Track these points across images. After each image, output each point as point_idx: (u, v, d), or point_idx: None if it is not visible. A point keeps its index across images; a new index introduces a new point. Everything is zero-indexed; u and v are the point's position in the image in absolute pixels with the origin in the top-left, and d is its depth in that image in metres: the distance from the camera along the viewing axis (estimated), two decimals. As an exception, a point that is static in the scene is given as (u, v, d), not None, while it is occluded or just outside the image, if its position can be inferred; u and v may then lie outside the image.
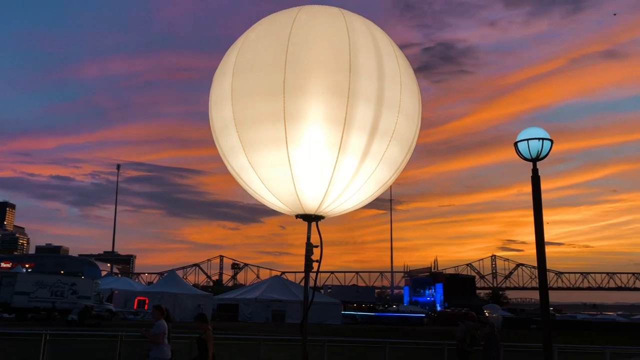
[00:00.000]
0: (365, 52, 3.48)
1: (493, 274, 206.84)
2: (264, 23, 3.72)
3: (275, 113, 3.36)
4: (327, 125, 3.36)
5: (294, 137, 3.36)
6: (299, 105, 3.32)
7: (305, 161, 3.43)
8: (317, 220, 3.79)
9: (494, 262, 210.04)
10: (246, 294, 49.83)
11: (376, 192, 3.73)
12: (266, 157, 3.50)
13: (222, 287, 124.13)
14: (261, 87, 3.40)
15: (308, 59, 3.37)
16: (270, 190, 3.65)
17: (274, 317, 45.97)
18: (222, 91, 3.61)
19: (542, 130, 7.56)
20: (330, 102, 3.35)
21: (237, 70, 3.52)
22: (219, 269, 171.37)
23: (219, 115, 3.68)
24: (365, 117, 3.40)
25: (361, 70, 3.42)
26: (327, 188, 3.56)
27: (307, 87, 3.35)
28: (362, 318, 56.03)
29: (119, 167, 73.58)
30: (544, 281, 7.44)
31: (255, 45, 3.55)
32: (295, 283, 63.53)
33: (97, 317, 33.48)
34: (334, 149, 3.40)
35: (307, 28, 3.47)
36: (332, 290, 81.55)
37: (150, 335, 7.19)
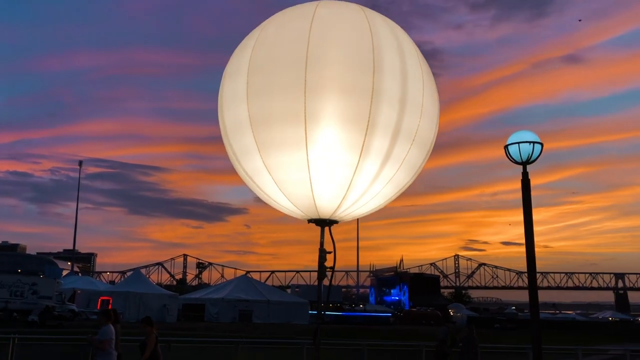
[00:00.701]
0: (389, 51, 3.34)
1: (456, 273, 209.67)
2: (281, 18, 3.53)
3: (295, 113, 3.19)
4: (350, 126, 3.21)
5: (315, 138, 3.20)
6: (321, 105, 3.17)
7: (324, 164, 3.28)
8: (331, 225, 3.63)
9: (457, 261, 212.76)
10: (213, 294, 49.20)
11: (393, 196, 3.59)
12: (283, 159, 3.32)
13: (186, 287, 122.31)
14: (281, 86, 3.22)
15: (330, 57, 3.22)
16: (284, 194, 3.47)
17: (241, 317, 45.53)
18: (236, 89, 3.42)
19: (533, 134, 7.57)
20: (354, 103, 3.20)
21: (254, 67, 3.33)
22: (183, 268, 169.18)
23: (231, 115, 3.49)
24: (388, 118, 3.26)
25: (385, 69, 3.28)
26: (346, 192, 3.41)
27: (329, 86, 3.19)
28: (330, 317, 55.98)
29: (80, 163, 71.56)
30: (533, 283, 7.46)
31: (273, 41, 3.36)
32: (262, 283, 63.11)
33: (59, 318, 32.46)
34: (355, 151, 3.25)
35: (328, 24, 3.31)
36: (299, 290, 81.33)
37: (95, 341, 6.88)
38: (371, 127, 3.21)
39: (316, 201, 3.43)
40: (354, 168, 3.29)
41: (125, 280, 50.61)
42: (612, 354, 23.78)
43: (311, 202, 3.45)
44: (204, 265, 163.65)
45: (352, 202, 3.49)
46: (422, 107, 3.38)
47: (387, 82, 3.26)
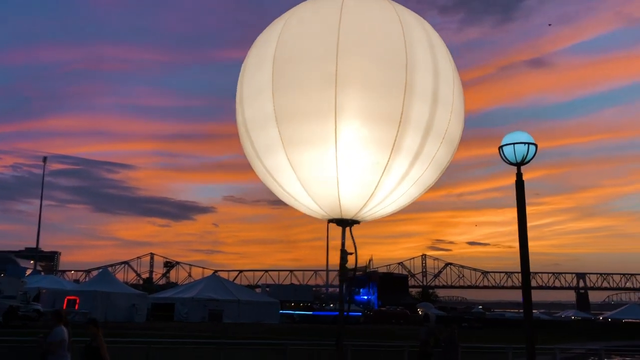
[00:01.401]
0: (421, 45, 3.22)
1: (423, 272, 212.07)
2: (306, 9, 3.36)
3: (325, 108, 3.04)
4: (382, 123, 3.08)
5: (345, 135, 3.05)
6: (353, 100, 3.02)
7: (353, 162, 3.14)
8: (352, 225, 3.49)
9: (424, 261, 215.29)
10: (182, 293, 48.59)
11: (417, 196, 3.47)
12: (310, 156, 3.16)
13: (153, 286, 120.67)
14: (310, 79, 3.06)
15: (363, 50, 3.08)
16: (308, 192, 3.31)
17: (211, 316, 45.09)
18: (260, 82, 3.24)
19: (527, 135, 7.58)
20: (386, 98, 3.07)
21: (280, 60, 3.16)
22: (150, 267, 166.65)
23: (253, 109, 3.31)
24: (421, 115, 3.14)
25: (418, 65, 3.15)
26: (373, 192, 3.27)
27: (362, 81, 3.05)
28: (300, 317, 55.87)
29: (45, 159, 69.70)
30: (527, 284, 7.47)
31: (300, 33, 3.20)
32: (232, 282, 62.65)
33: (24, 318, 31.51)
34: (386, 150, 3.12)
35: (358, 16, 3.17)
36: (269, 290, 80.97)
37: (45, 343, 6.55)
38: (403, 124, 3.08)
39: (341, 201, 3.29)
40: (384, 167, 3.16)
41: (93, 280, 49.55)
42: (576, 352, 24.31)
43: (335, 202, 3.30)
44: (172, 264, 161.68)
45: (378, 202, 3.36)
46: (453, 104, 3.27)
47: (420, 77, 3.14)
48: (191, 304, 45.89)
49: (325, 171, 3.17)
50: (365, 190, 3.25)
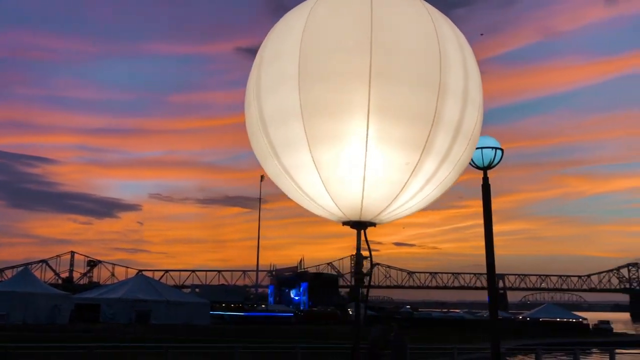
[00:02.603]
0: (451, 43, 3.12)
1: (352, 272, 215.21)
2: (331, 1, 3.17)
3: (357, 104, 2.87)
4: (415, 122, 2.94)
5: (377, 133, 2.89)
6: (388, 97, 2.87)
7: (384, 162, 2.98)
8: (367, 227, 3.35)
9: (352, 261, 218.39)
10: (109, 294, 46.81)
11: (437, 198, 3.37)
12: (336, 154, 2.98)
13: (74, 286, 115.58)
14: (341, 73, 2.88)
15: (398, 45, 2.93)
16: (329, 192, 3.13)
17: (138, 317, 43.72)
18: (284, 74, 3.01)
19: (494, 140, 7.73)
20: (420, 97, 2.94)
21: (308, 51, 2.95)
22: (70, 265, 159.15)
23: (273, 103, 3.08)
24: (453, 115, 3.04)
25: (450, 63, 3.05)
26: (398, 194, 3.14)
27: (397, 77, 2.90)
28: (231, 318, 55.15)
29: (-42, 150, 65.02)
30: (493, 286, 7.60)
31: (329, 24, 3.01)
32: (160, 282, 60.97)
33: None
34: (417, 150, 2.99)
35: (390, 10, 3.02)
36: (200, 290, 79.47)
37: None
38: (436, 124, 2.97)
39: (364, 202, 3.13)
40: (413, 167, 3.03)
41: (11, 279, 46.71)
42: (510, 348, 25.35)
43: (358, 203, 3.14)
44: (95, 263, 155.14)
45: (401, 204, 3.23)
46: (479, 104, 3.20)
47: (452, 76, 3.03)
48: (118, 304, 44.37)
49: (352, 170, 3.00)
50: (392, 191, 3.11)
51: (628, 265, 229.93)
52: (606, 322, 76.65)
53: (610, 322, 78.53)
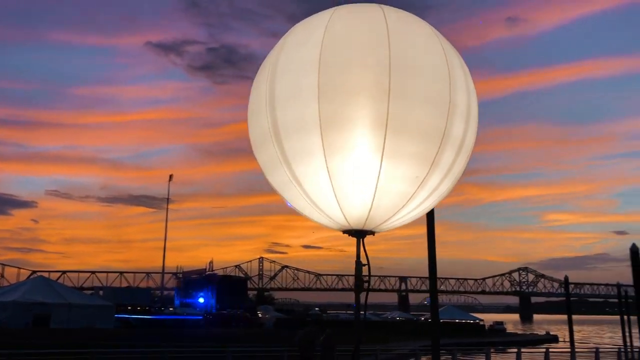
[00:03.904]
0: (457, 62, 3.32)
1: (260, 275, 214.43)
2: (347, 13, 3.27)
3: (376, 119, 2.99)
4: (428, 138, 3.11)
5: (392, 146, 3.03)
6: (405, 113, 3.01)
7: (396, 175, 3.12)
8: (366, 236, 3.48)
9: (261, 263, 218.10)
10: (3, 296, 43.69)
11: (431, 208, 3.57)
12: (352, 165, 3.08)
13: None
14: (361, 88, 2.99)
15: (415, 64, 3.08)
16: (339, 202, 3.22)
17: (36, 321, 41.22)
18: (301, 85, 3.07)
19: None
20: (434, 115, 3.11)
21: (327, 65, 3.03)
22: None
23: (289, 112, 3.12)
24: (459, 132, 3.24)
25: (458, 81, 3.25)
26: (403, 205, 3.29)
27: (414, 95, 3.05)
28: (137, 321, 53.24)
29: None
30: (434, 289, 7.96)
31: (347, 39, 3.10)
32: (60, 284, 57.75)
33: None
34: (426, 164, 3.16)
35: (404, 29, 3.18)
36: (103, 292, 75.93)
37: None
38: (445, 140, 3.15)
39: (371, 213, 3.26)
40: (420, 181, 3.20)
41: None
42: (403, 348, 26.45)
43: (364, 214, 3.26)
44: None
45: (402, 215, 3.38)
46: (477, 121, 3.43)
47: (460, 94, 3.23)
48: (13, 307, 41.63)
49: (365, 182, 3.11)
50: (399, 203, 3.26)
51: (519, 270, 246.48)
52: (500, 323, 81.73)
53: (504, 323, 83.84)
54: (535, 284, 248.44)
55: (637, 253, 31.85)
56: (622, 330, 44.07)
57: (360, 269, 3.47)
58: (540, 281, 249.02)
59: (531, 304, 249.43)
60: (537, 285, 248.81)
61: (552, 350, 21.85)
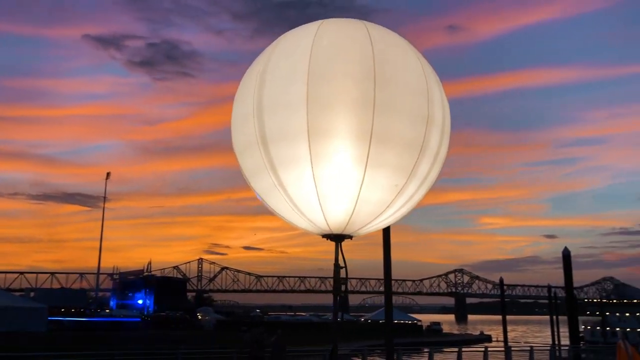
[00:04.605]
0: (433, 77, 3.55)
1: (199, 276, 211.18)
2: (333, 27, 3.42)
3: (362, 130, 3.16)
4: (408, 150, 3.32)
5: (375, 156, 3.22)
6: (389, 126, 3.20)
7: (377, 185, 3.31)
8: (344, 240, 3.65)
9: (201, 265, 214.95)
10: None
11: (406, 214, 3.78)
12: (337, 173, 3.24)
13: None
14: (347, 101, 3.16)
15: (396, 79, 3.28)
16: (322, 208, 3.38)
17: (-41, 324, 39.19)
18: (289, 95, 3.21)
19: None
20: (414, 128, 3.32)
21: (315, 77, 3.18)
22: None
23: (276, 121, 3.25)
24: (435, 144, 3.46)
25: (435, 96, 3.48)
26: (382, 212, 3.48)
27: (399, 109, 3.25)
28: (71, 324, 51.45)
29: None
30: (389, 290, 8.24)
31: (335, 51, 3.26)
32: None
33: None
34: (405, 173, 3.36)
35: (386, 43, 3.38)
36: (35, 294, 72.80)
37: None
38: (423, 151, 3.37)
39: (352, 218, 3.43)
40: (399, 189, 3.40)
41: None
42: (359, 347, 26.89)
43: (346, 219, 3.43)
44: None
45: (380, 220, 3.58)
46: (449, 134, 3.66)
47: (436, 110, 3.46)
48: None
49: (349, 189, 3.28)
50: (378, 209, 3.45)
51: (454, 271, 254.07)
52: (437, 324, 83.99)
53: (441, 323, 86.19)
54: (470, 285, 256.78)
55: (569, 256, 33.72)
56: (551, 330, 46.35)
57: (339, 272, 3.63)
58: (475, 282, 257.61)
59: (466, 305, 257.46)
60: (471, 287, 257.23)
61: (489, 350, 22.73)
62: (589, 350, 34.66)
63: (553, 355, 26.68)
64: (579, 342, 35.44)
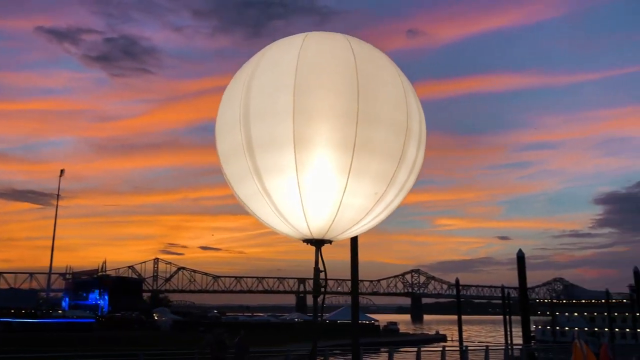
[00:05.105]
0: (411, 91, 3.73)
1: (154, 277, 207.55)
2: (317, 41, 3.56)
3: (345, 141, 3.31)
4: (389, 160, 3.48)
5: (358, 165, 3.37)
6: (370, 137, 3.36)
7: (359, 190, 3.46)
8: (324, 245, 3.80)
9: (157, 265, 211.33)
10: None
11: (384, 219, 3.94)
12: (321, 181, 3.37)
13: None
14: (332, 113, 3.30)
15: (379, 93, 3.44)
16: (305, 214, 3.51)
17: None
18: (275, 106, 3.32)
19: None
20: (394, 138, 3.49)
21: (301, 88, 3.30)
22: None
23: (263, 130, 3.36)
24: (412, 154, 3.64)
25: (413, 109, 3.66)
26: (362, 218, 3.64)
27: (381, 120, 3.41)
28: (20, 325, 49.90)
29: None
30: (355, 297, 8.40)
31: (320, 64, 3.39)
32: None
33: None
34: (385, 182, 3.53)
35: (368, 57, 3.54)
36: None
37: None
38: (402, 161, 3.54)
39: (333, 224, 3.57)
40: (379, 197, 3.56)
41: None
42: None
43: (327, 225, 3.57)
44: None
45: (360, 226, 3.73)
46: (425, 144, 3.85)
47: (414, 122, 3.64)
48: None
49: (332, 196, 3.42)
50: (358, 216, 3.60)
51: (411, 272, 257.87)
52: (394, 324, 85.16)
53: (397, 324, 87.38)
54: (426, 285, 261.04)
55: (523, 259, 34.86)
56: (504, 329, 47.71)
57: (319, 275, 3.77)
58: (431, 283, 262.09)
59: (422, 305, 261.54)
60: (427, 287, 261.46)
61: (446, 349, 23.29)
62: (539, 349, 35.80)
63: (507, 354, 27.50)
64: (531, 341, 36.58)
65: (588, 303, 74.35)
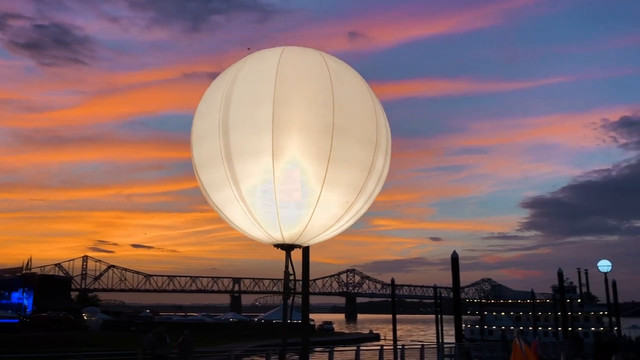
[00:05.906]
0: (378, 105, 3.96)
1: (83, 275, 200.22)
2: (294, 59, 3.72)
3: (321, 152, 3.50)
4: (359, 170, 3.69)
5: (331, 175, 3.56)
6: (343, 149, 3.56)
7: (331, 199, 3.66)
8: (293, 249, 3.97)
9: (85, 262, 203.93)
10: None
11: (351, 225, 4.16)
12: (297, 189, 3.56)
13: None
14: (308, 125, 3.49)
15: (350, 106, 3.65)
16: (279, 220, 3.67)
17: None
18: (257, 117, 3.48)
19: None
20: (365, 152, 3.71)
21: (281, 101, 3.47)
22: None
23: (243, 140, 3.50)
24: (380, 165, 3.87)
25: (381, 123, 3.90)
26: (333, 223, 3.84)
27: (354, 135, 3.62)
28: None
29: None
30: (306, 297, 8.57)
31: (298, 78, 3.57)
32: None
33: None
34: (355, 191, 3.74)
35: (341, 73, 3.74)
36: None
37: None
38: (371, 171, 3.77)
39: (305, 231, 3.76)
40: (349, 205, 3.78)
41: None
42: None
43: (299, 231, 3.75)
44: None
45: (329, 232, 3.93)
46: (391, 155, 4.10)
47: (382, 136, 3.88)
48: None
49: (306, 204, 3.60)
50: (329, 223, 3.80)
51: (347, 271, 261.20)
52: (329, 323, 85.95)
53: (333, 323, 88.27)
54: (361, 285, 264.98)
55: (457, 259, 36.19)
56: (436, 328, 49.27)
57: (289, 278, 3.95)
58: (366, 282, 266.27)
59: (356, 304, 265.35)
60: (362, 287, 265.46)
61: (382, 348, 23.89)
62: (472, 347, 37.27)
63: (441, 352, 28.52)
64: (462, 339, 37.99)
65: (514, 303, 78.03)
